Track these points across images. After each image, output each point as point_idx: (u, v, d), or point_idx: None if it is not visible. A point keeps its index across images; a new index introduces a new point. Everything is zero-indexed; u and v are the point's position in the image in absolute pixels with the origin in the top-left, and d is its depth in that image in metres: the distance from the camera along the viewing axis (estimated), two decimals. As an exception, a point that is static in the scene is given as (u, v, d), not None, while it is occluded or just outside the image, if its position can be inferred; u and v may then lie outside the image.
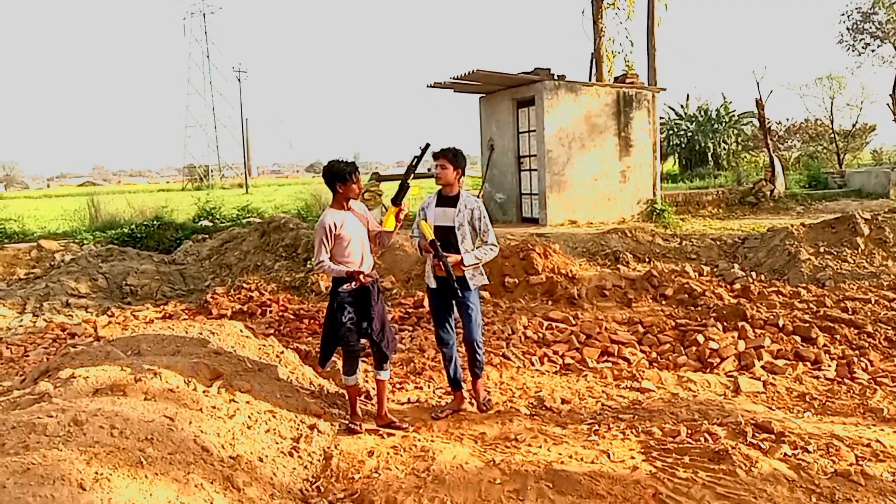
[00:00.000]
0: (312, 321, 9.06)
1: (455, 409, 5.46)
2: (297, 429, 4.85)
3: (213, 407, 4.62)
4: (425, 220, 5.20)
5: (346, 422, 5.11)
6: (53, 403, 4.08)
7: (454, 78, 15.46)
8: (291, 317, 9.40)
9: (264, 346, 6.12)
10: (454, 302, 5.35)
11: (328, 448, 4.67)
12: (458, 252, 5.13)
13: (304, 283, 11.19)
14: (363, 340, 5.10)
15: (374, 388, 5.53)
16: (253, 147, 77.27)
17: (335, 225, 4.81)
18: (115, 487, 3.30)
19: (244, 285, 11.21)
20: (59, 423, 3.75)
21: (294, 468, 4.38)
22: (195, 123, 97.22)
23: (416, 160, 5.25)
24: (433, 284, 5.34)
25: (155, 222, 16.50)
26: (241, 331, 6.33)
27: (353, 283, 4.80)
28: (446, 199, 5.31)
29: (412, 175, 5.26)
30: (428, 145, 5.16)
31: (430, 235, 5.03)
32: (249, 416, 4.71)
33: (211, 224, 17.50)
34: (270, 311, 9.75)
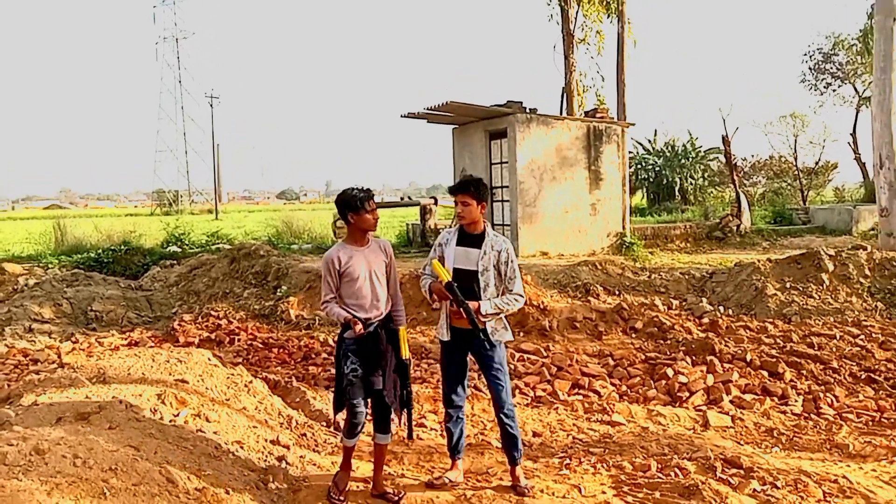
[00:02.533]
0: (282, 350, 8.96)
1: (453, 479, 4.53)
2: (265, 460, 4.76)
3: (180, 437, 4.52)
4: (439, 260, 4.50)
5: (315, 452, 5.02)
6: (14, 431, 3.96)
7: (428, 109, 15.58)
8: (260, 345, 9.29)
9: (233, 374, 6.03)
10: (479, 362, 4.58)
11: (296, 481, 4.58)
12: (477, 301, 4.37)
13: (273, 311, 11.08)
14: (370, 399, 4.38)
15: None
16: (224, 173, 76.92)
17: (339, 261, 4.26)
18: (77, 520, 3.20)
19: (212, 313, 11.07)
20: (20, 451, 3.64)
21: (262, 501, 4.29)
22: (166, 148, 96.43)
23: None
24: (446, 337, 4.54)
25: (122, 247, 16.29)
26: (209, 359, 6.24)
27: (354, 331, 4.14)
28: (469, 238, 4.51)
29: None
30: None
31: (446, 277, 4.32)
32: (217, 447, 4.62)
33: (179, 250, 17.31)
34: (239, 340, 9.63)
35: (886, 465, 5.01)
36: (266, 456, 4.83)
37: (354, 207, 4.23)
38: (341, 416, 4.67)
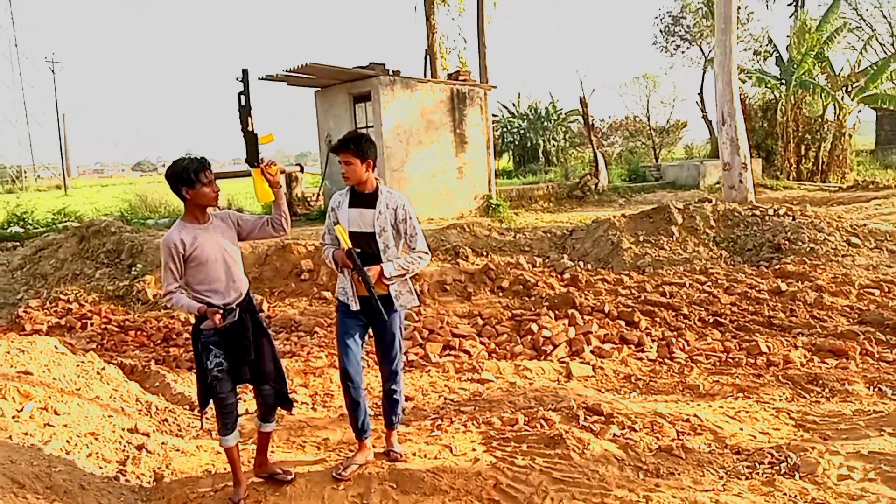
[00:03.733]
0: (139, 333, 8.49)
1: (362, 462, 4.29)
2: (124, 450, 4.52)
3: (25, 433, 4.21)
4: (339, 224, 4.17)
5: (178, 437, 4.81)
6: None
7: (287, 71, 15.10)
8: (116, 329, 8.77)
9: (83, 362, 5.65)
10: (375, 329, 4.32)
11: (159, 468, 4.38)
12: (378, 264, 4.12)
13: (128, 291, 10.48)
14: (241, 388, 4.08)
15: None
16: (72, 145, 71.69)
17: (182, 244, 3.73)
18: None
19: (62, 297, 10.32)
20: None
21: (122, 493, 4.07)
22: (4, 119, 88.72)
23: (243, 97, 4.06)
24: (356, 306, 4.20)
25: (-45, 230, 14.86)
26: (57, 347, 5.81)
27: (213, 321, 3.72)
28: (361, 198, 4.20)
29: (250, 119, 4.10)
30: (245, 71, 4.05)
31: (347, 243, 4.05)
32: (68, 441, 4.33)
33: (23, 230, 16.02)
34: (92, 324, 9.04)
35: (732, 402, 5.40)
36: (124, 445, 4.58)
37: (188, 181, 3.71)
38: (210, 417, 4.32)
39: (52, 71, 59.30)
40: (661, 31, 36.07)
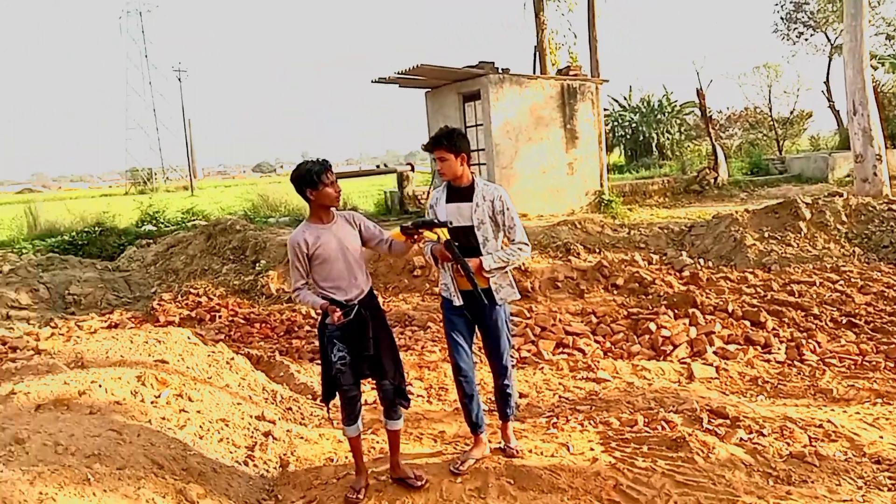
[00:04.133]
0: (263, 325, 8.88)
1: (478, 456, 4.28)
2: (252, 436, 4.72)
3: (163, 418, 4.47)
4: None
5: (301, 425, 4.98)
6: (-8, 422, 3.88)
7: (399, 73, 15.36)
8: (241, 321, 9.21)
9: (214, 352, 5.96)
10: (480, 324, 4.28)
11: (284, 455, 4.56)
12: (478, 257, 4.10)
13: (253, 285, 10.98)
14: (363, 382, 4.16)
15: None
16: (197, 148, 75.89)
17: (305, 243, 3.90)
18: (61, 508, 3.15)
19: (192, 290, 10.95)
20: (0, 442, 3.57)
21: (250, 477, 4.26)
22: (136, 126, 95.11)
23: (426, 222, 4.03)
24: (458, 301, 4.18)
25: (97, 228, 16.05)
26: (189, 338, 6.16)
27: (332, 318, 3.82)
28: (458, 193, 4.21)
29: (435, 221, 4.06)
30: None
31: (446, 236, 4.03)
32: (201, 426, 4.57)
33: (155, 229, 17.10)
34: (219, 316, 9.54)
35: (869, 408, 5.07)
36: (252, 432, 4.79)
37: (312, 182, 3.85)
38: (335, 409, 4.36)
39: (179, 79, 63.29)
40: (781, 18, 34.30)
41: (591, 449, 4.43)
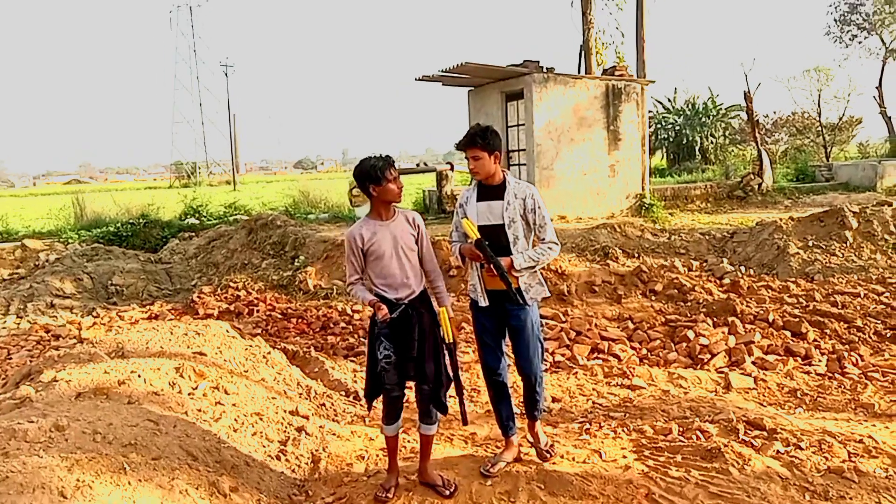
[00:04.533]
0: (300, 321, 8.98)
1: (509, 460, 4.26)
2: (285, 431, 4.77)
3: (199, 410, 4.54)
4: (466, 218, 4.13)
5: (334, 422, 5.02)
6: (34, 408, 3.99)
7: (443, 71, 15.36)
8: (279, 316, 9.32)
9: (251, 346, 6.04)
10: (510, 324, 4.20)
11: (316, 451, 4.60)
12: (509, 256, 4.05)
13: (291, 281, 11.10)
14: (409, 383, 4.10)
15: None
16: (241, 143, 76.96)
17: (361, 238, 3.92)
18: (98, 495, 3.22)
19: (231, 284, 11.12)
20: (41, 428, 3.66)
21: (281, 472, 4.31)
22: (182, 119, 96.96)
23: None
24: (484, 302, 4.17)
25: (141, 220, 16.38)
26: (228, 331, 6.26)
27: (378, 316, 3.81)
28: (489, 191, 4.15)
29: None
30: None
31: (476, 234, 4.00)
32: (235, 420, 4.64)
33: (198, 222, 17.38)
34: (257, 311, 9.66)
35: (913, 425, 4.92)
36: (285, 427, 4.84)
37: (375, 178, 3.84)
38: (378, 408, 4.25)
39: (226, 74, 63.99)
40: (835, 20, 33.43)
41: (624, 456, 4.38)
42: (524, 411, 4.45)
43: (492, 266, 3.94)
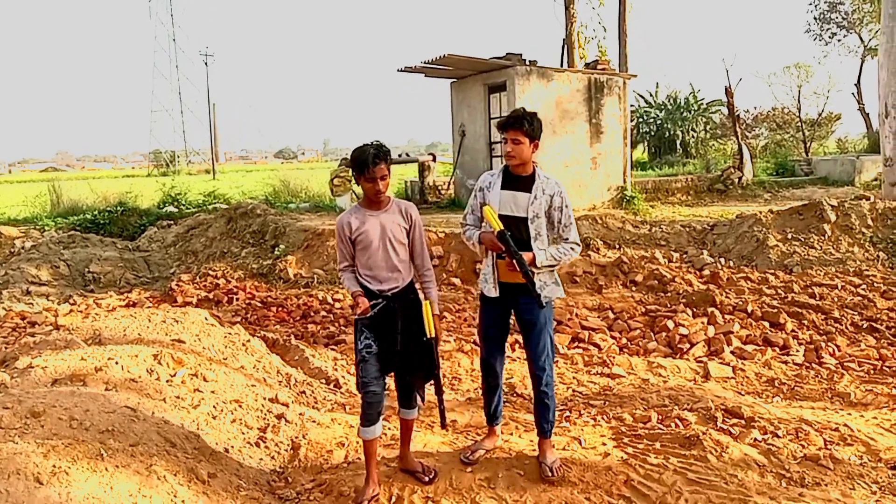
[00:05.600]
0: (280, 309, 8.92)
1: (490, 447, 4.25)
2: (264, 418, 4.75)
3: (177, 397, 4.50)
4: (488, 205, 3.94)
5: (314, 409, 4.99)
6: (10, 394, 3.93)
7: (425, 62, 15.31)
8: (259, 304, 9.26)
9: (230, 334, 5.99)
10: (521, 321, 4.04)
11: (296, 438, 4.57)
12: (529, 252, 3.87)
13: (271, 269, 11.03)
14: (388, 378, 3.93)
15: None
16: (220, 132, 76.36)
17: (349, 226, 3.83)
18: (74, 481, 3.18)
19: (210, 272, 11.02)
20: (16, 414, 3.61)
21: (261, 458, 4.28)
22: (161, 108, 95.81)
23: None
24: (494, 293, 4.01)
25: (119, 208, 16.20)
26: (206, 319, 6.20)
27: (358, 308, 3.74)
28: (516, 181, 3.96)
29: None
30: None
31: (498, 225, 3.79)
32: (214, 406, 4.60)
33: (176, 210, 17.22)
34: (237, 299, 9.59)
35: (887, 413, 4.98)
36: (265, 414, 4.81)
37: (359, 169, 3.73)
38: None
39: (206, 63, 63.26)
40: (815, 17, 33.80)
41: (604, 444, 4.40)
42: (535, 423, 4.19)
43: (514, 260, 3.76)
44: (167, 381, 4.65)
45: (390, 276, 3.85)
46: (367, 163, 3.68)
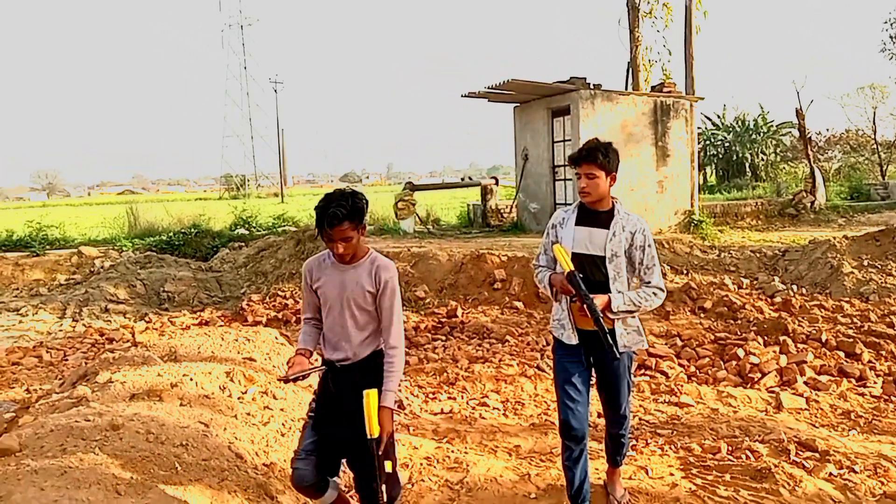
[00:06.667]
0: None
1: None
2: (331, 438, 4.82)
3: (248, 414, 4.62)
4: (558, 244, 3.57)
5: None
6: (91, 408, 4.11)
7: (489, 87, 15.44)
8: (325, 326, 9.40)
9: (298, 353, 6.11)
10: (599, 370, 3.68)
11: (361, 458, 4.62)
12: (605, 294, 3.46)
13: (338, 291, 11.21)
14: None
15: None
16: (288, 157, 78.21)
17: (310, 274, 3.29)
18: (150, 493, 3.30)
19: (279, 293, 11.27)
20: (97, 427, 3.77)
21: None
22: (232, 133, 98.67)
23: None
24: (573, 340, 3.57)
25: (192, 230, 16.75)
26: (276, 338, 6.35)
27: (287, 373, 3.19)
28: (593, 217, 3.58)
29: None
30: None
31: (569, 265, 3.40)
32: (283, 424, 4.70)
33: (247, 232, 17.70)
34: (305, 319, 9.77)
35: (974, 451, 4.75)
36: (331, 433, 4.88)
37: (317, 224, 3.08)
38: None
39: (275, 90, 65.06)
40: (891, 36, 32.62)
41: (671, 474, 4.32)
42: (606, 453, 3.98)
43: (584, 305, 3.35)
44: (238, 398, 4.78)
45: (341, 345, 3.24)
46: (323, 224, 3.04)
